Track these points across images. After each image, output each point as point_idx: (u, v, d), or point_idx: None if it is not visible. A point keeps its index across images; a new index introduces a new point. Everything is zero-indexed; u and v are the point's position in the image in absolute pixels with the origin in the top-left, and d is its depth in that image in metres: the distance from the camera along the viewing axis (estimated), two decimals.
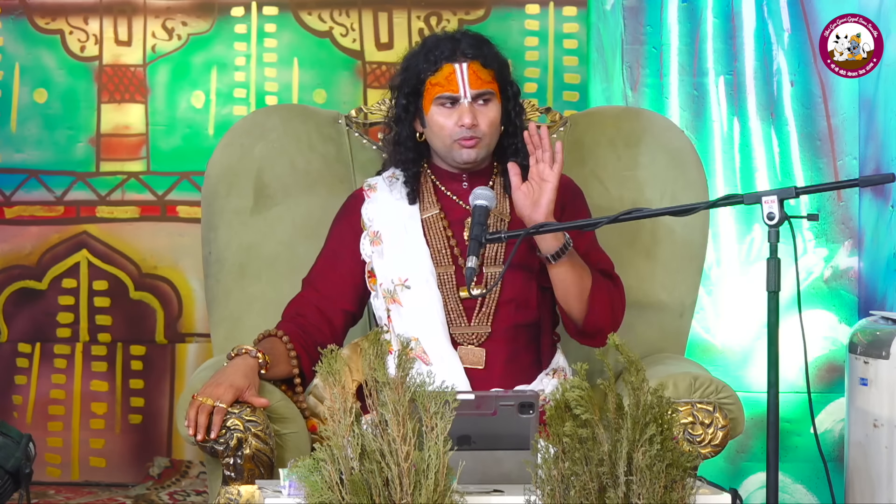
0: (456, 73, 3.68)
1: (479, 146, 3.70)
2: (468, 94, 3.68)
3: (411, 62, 3.74)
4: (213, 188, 4.04)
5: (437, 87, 3.69)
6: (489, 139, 3.72)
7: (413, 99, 3.73)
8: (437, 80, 3.69)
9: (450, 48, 3.70)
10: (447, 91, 3.68)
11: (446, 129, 3.69)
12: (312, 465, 2.97)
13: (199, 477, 5.32)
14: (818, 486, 5.11)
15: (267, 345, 3.60)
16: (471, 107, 3.68)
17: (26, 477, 3.60)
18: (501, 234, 3.57)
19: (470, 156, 3.71)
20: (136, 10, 5.40)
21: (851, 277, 5.14)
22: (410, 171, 3.78)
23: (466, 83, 3.68)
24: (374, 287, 3.74)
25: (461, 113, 3.67)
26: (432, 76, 3.70)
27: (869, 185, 3.74)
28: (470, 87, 3.68)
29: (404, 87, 3.74)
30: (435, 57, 3.70)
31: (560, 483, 2.95)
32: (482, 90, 3.69)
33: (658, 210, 3.50)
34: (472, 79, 3.68)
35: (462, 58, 3.68)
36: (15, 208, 5.42)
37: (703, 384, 3.52)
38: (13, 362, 5.41)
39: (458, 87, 3.68)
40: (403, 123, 3.77)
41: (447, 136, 3.70)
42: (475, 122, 3.67)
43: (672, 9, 5.16)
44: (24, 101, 5.39)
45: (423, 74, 3.71)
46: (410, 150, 3.77)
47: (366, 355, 3.02)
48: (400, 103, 3.75)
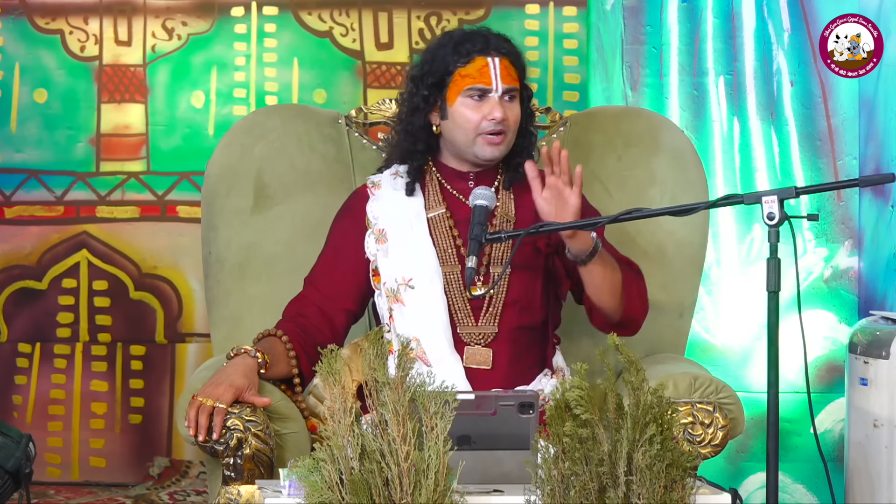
0: (489, 66, 3.68)
1: (503, 143, 3.71)
2: (500, 88, 3.68)
3: (437, 53, 3.73)
4: (213, 188, 4.04)
5: (467, 79, 3.69)
6: (512, 136, 3.72)
7: (436, 90, 3.73)
8: (469, 71, 3.69)
9: (482, 42, 3.70)
10: (479, 83, 3.68)
11: (472, 121, 3.69)
12: (312, 465, 2.97)
13: (199, 477, 5.32)
14: (818, 486, 5.11)
15: (266, 344, 3.60)
16: (501, 101, 3.68)
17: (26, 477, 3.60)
18: (501, 234, 3.57)
19: (493, 153, 3.71)
20: (136, 10, 5.40)
21: (851, 277, 5.14)
22: (415, 163, 3.78)
23: (499, 77, 3.69)
24: (377, 286, 3.74)
25: (492, 107, 3.67)
26: (462, 68, 3.70)
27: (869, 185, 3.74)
28: (502, 81, 3.69)
29: (427, 77, 3.73)
30: (466, 49, 3.70)
31: (560, 483, 2.95)
32: (512, 86, 3.70)
33: (658, 210, 3.50)
34: (504, 74, 3.69)
35: (495, 52, 3.69)
36: (15, 208, 5.42)
37: (703, 384, 3.52)
38: (13, 362, 5.40)
39: (491, 80, 3.68)
40: (420, 114, 3.75)
41: (472, 128, 3.69)
42: (505, 117, 3.68)
43: (672, 9, 5.16)
44: (24, 101, 5.39)
45: (452, 66, 3.70)
46: (422, 142, 3.77)
47: (366, 355, 3.02)
48: (421, 94, 3.74)
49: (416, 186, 3.79)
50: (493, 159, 3.73)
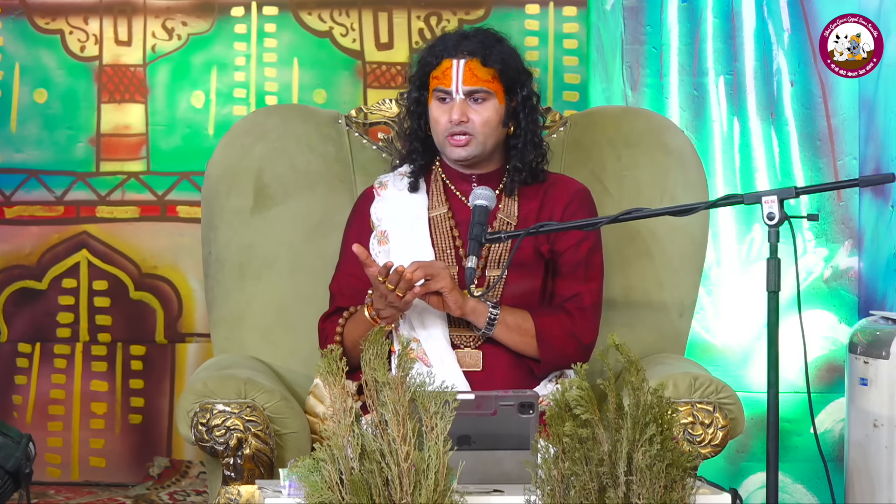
0: (452, 69, 3.69)
1: (470, 144, 3.70)
2: (460, 90, 3.68)
3: (422, 55, 3.77)
4: (213, 188, 4.04)
5: (435, 81, 3.72)
6: (482, 138, 3.71)
7: (423, 92, 3.76)
8: (437, 73, 3.71)
9: (453, 43, 3.71)
10: (442, 85, 3.70)
11: (440, 123, 3.71)
12: (312, 465, 2.97)
13: (199, 477, 5.32)
14: (818, 486, 5.11)
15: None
16: (462, 103, 3.68)
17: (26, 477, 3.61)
18: (501, 234, 3.57)
19: (460, 153, 3.71)
20: (136, 10, 5.40)
21: (851, 277, 5.14)
22: (418, 162, 3.79)
23: (459, 79, 3.69)
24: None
25: (451, 108, 3.69)
26: (434, 70, 3.72)
27: (869, 185, 3.75)
28: (462, 83, 3.69)
29: (416, 78, 3.77)
30: (438, 51, 3.72)
31: (560, 483, 2.95)
32: (475, 87, 3.69)
33: (658, 210, 3.50)
34: (467, 75, 3.68)
35: (461, 54, 3.69)
36: (15, 208, 5.42)
37: (703, 384, 3.52)
38: (13, 362, 5.40)
39: (451, 82, 3.69)
40: (413, 115, 3.79)
41: (441, 131, 3.71)
42: (463, 119, 3.68)
43: (672, 9, 5.16)
44: (24, 101, 5.39)
45: (428, 68, 3.73)
46: (420, 142, 3.78)
47: (366, 355, 3.02)
48: (412, 96, 3.77)
49: (421, 184, 3.80)
50: (459, 160, 3.73)
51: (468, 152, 3.71)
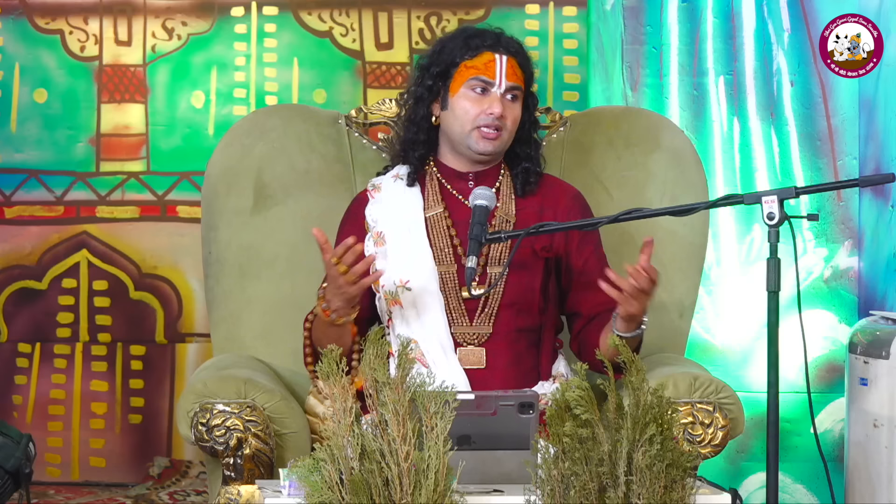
0: (496, 62, 3.71)
1: (499, 139, 3.71)
2: (503, 84, 3.70)
3: (447, 45, 3.76)
4: (213, 188, 4.05)
5: (472, 70, 3.71)
6: (508, 136, 3.73)
7: (440, 80, 3.74)
8: (475, 63, 3.71)
9: (493, 39, 3.73)
10: (483, 75, 3.70)
11: (471, 113, 3.70)
12: (312, 465, 2.97)
13: (199, 477, 5.32)
14: (818, 486, 5.11)
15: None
16: (502, 98, 3.69)
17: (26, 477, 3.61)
18: (501, 234, 3.57)
19: (487, 147, 3.71)
20: (136, 10, 5.40)
21: (851, 277, 5.14)
22: (417, 152, 3.79)
23: (504, 73, 3.70)
24: (377, 289, 3.74)
25: (492, 101, 3.69)
26: (469, 60, 3.71)
27: (869, 185, 3.75)
28: (507, 78, 3.70)
29: (434, 67, 3.76)
30: (476, 44, 3.73)
31: (560, 483, 2.95)
32: (515, 84, 3.72)
33: (658, 210, 3.51)
34: (510, 72, 3.71)
35: (504, 50, 3.72)
36: (15, 208, 5.42)
37: (703, 384, 3.52)
38: (13, 362, 5.40)
39: (496, 75, 3.70)
40: (423, 104, 3.77)
41: (469, 120, 3.70)
42: (504, 114, 3.69)
43: (672, 9, 5.16)
44: (24, 101, 5.39)
45: (459, 58, 3.72)
46: (423, 132, 3.78)
47: (366, 355, 3.02)
48: (425, 83, 3.76)
49: (416, 180, 3.80)
50: (487, 154, 3.73)
51: (496, 147, 3.72)
